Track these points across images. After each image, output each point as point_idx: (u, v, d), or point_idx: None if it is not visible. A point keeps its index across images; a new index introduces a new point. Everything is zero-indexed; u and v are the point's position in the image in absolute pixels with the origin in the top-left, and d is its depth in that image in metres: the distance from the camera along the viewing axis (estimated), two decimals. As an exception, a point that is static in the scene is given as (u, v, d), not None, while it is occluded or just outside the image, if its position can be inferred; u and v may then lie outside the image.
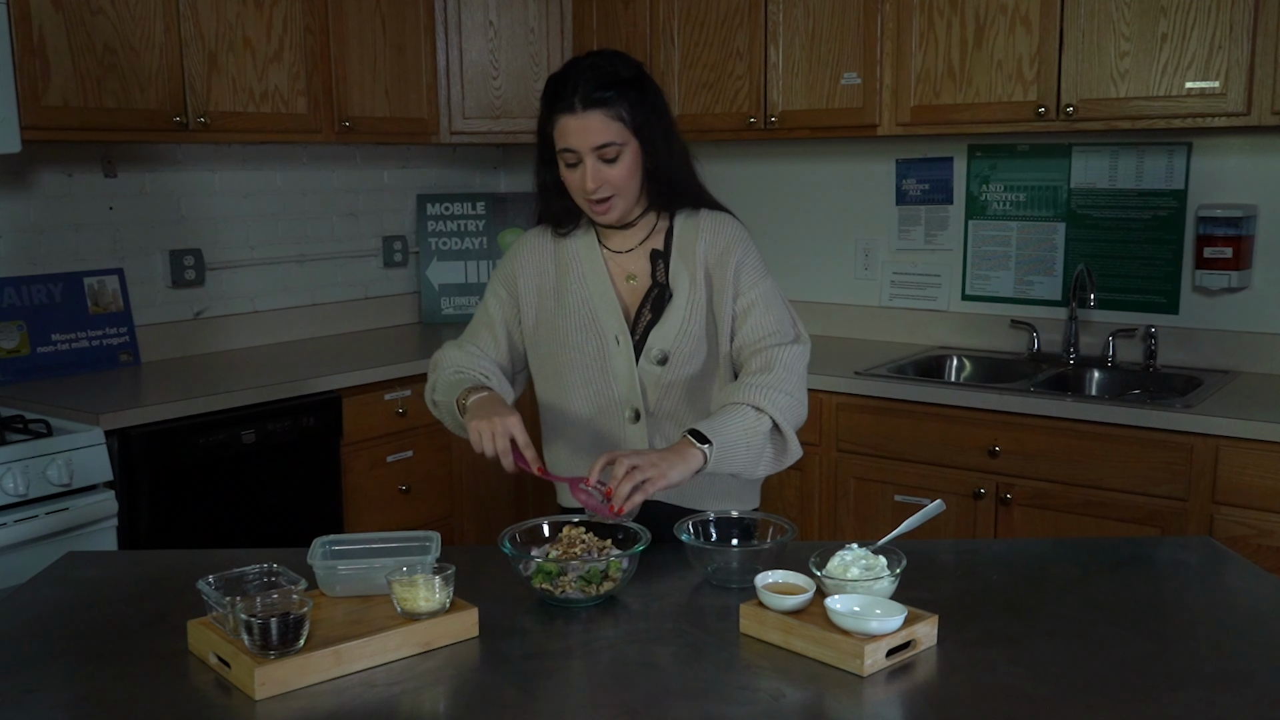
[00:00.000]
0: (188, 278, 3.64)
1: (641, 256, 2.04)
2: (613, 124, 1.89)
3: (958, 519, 3.08)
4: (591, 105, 1.88)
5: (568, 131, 1.89)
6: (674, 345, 1.98)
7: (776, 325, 1.99)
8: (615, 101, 1.89)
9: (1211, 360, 3.28)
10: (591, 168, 1.90)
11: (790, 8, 3.51)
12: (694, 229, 2.02)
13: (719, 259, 2.01)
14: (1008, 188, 3.59)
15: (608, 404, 2.02)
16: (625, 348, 2.00)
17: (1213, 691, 1.41)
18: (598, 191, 1.91)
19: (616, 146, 1.90)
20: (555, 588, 1.66)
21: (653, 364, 1.99)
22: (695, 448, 1.80)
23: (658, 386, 2.00)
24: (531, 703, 1.41)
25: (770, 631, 1.54)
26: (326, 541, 1.73)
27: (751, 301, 2.00)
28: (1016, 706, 1.38)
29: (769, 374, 1.92)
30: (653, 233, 2.04)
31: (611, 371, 2.00)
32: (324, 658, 1.45)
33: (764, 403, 1.87)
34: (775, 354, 1.95)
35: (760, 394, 1.88)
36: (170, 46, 3.15)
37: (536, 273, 2.07)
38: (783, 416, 1.89)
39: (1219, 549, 1.95)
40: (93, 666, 1.51)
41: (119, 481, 2.82)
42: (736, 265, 2.01)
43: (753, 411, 1.87)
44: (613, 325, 2.00)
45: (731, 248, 2.02)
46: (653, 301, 2.01)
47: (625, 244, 2.04)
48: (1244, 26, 2.84)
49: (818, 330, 3.96)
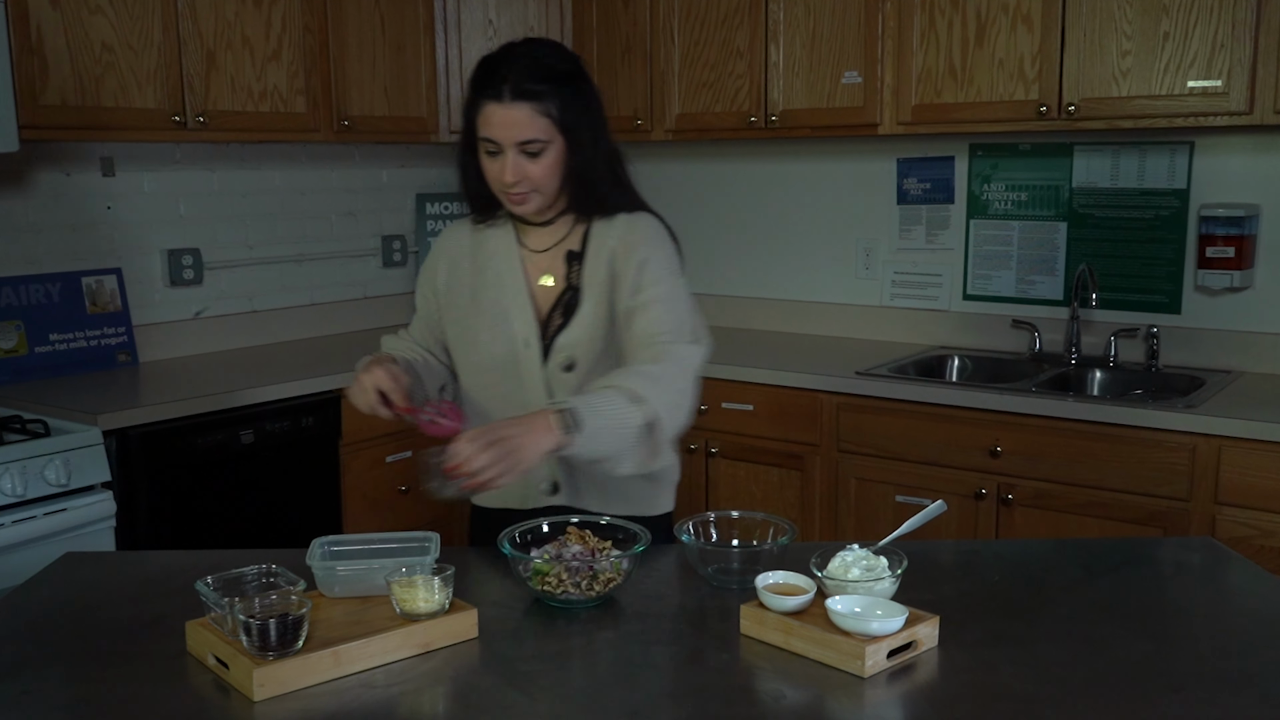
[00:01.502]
0: (186, 277, 3.64)
1: (557, 257, 1.97)
2: (540, 120, 1.82)
3: (959, 519, 3.07)
4: (521, 97, 1.80)
5: (492, 120, 1.83)
6: (581, 351, 1.92)
7: (674, 324, 1.88)
8: (546, 96, 1.81)
9: (1214, 360, 3.28)
10: (512, 161, 1.83)
11: (791, 6, 3.50)
12: (608, 232, 1.94)
13: (625, 255, 1.91)
14: (1009, 187, 3.58)
15: (518, 407, 1.93)
16: (534, 352, 1.94)
17: (1215, 692, 1.40)
18: (516, 186, 1.85)
19: (541, 143, 1.83)
20: (554, 588, 1.65)
21: (560, 370, 1.93)
22: (555, 430, 1.67)
23: (565, 392, 1.92)
24: (531, 704, 1.40)
25: (771, 632, 1.53)
26: (325, 542, 1.72)
27: (651, 298, 1.88)
28: (1018, 708, 1.37)
29: (657, 365, 1.81)
30: (570, 233, 1.97)
31: (521, 376, 1.95)
32: (323, 659, 1.44)
33: (646, 393, 1.74)
34: (667, 349, 1.84)
35: (644, 383, 1.76)
36: (168, 45, 3.14)
37: (451, 269, 2.03)
38: (665, 412, 1.76)
39: (1221, 550, 1.94)
40: (90, 668, 1.50)
41: (117, 482, 2.82)
42: (640, 262, 1.90)
43: (629, 400, 1.74)
44: (523, 329, 1.94)
45: (638, 245, 1.91)
46: (564, 305, 1.95)
47: (542, 243, 1.98)
48: (1246, 25, 2.83)
49: (818, 330, 3.96)
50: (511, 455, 1.63)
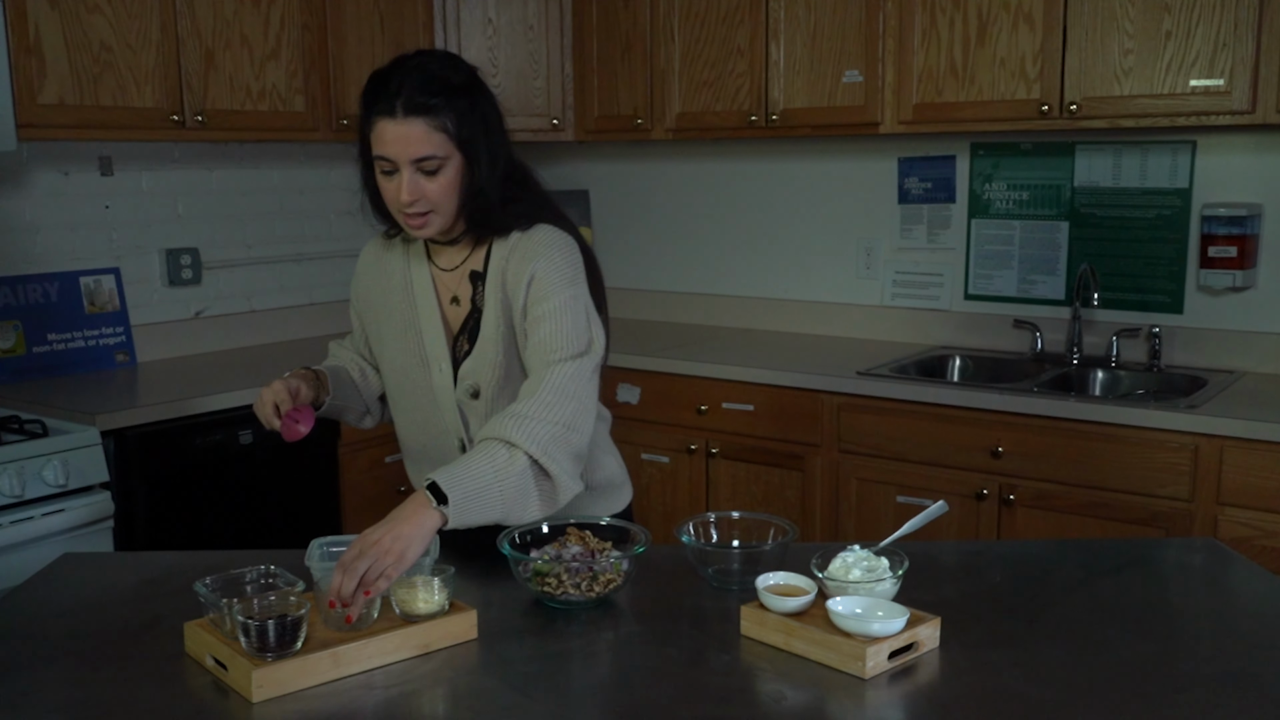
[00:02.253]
0: (185, 277, 3.63)
1: (463, 277, 1.90)
2: (435, 135, 1.72)
3: (960, 520, 3.07)
4: (414, 112, 1.71)
5: (385, 138, 1.73)
6: (484, 378, 1.86)
7: (565, 339, 1.78)
8: (441, 110, 1.72)
9: (1216, 360, 3.27)
10: (408, 180, 1.74)
11: (792, 5, 3.49)
12: (506, 251, 1.85)
13: (516, 275, 1.82)
14: (1011, 186, 3.57)
15: (437, 431, 1.93)
16: (446, 377, 1.89)
17: (1217, 693, 1.40)
18: (413, 206, 1.76)
19: (438, 160, 1.74)
20: (554, 589, 1.64)
21: (467, 397, 1.88)
22: (431, 509, 1.59)
23: (477, 418, 1.88)
24: (531, 705, 1.40)
25: (771, 633, 1.53)
26: (324, 543, 1.71)
27: (541, 315, 1.79)
28: (1019, 709, 1.37)
29: (531, 400, 1.72)
30: (474, 252, 1.89)
31: (435, 401, 1.91)
32: (322, 660, 1.44)
33: (518, 437, 1.67)
34: (545, 375, 1.75)
35: (515, 426, 1.68)
36: (167, 44, 3.14)
37: (370, 287, 1.99)
38: (543, 450, 1.68)
39: (1223, 550, 1.94)
40: (89, 669, 1.49)
41: (115, 482, 2.81)
42: (530, 278, 1.80)
43: (504, 449, 1.67)
44: (436, 352, 1.89)
45: (526, 263, 1.81)
46: (470, 330, 1.89)
47: (450, 261, 1.91)
48: (1248, 24, 2.82)
49: (818, 330, 3.95)
50: (385, 555, 1.53)
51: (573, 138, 4.03)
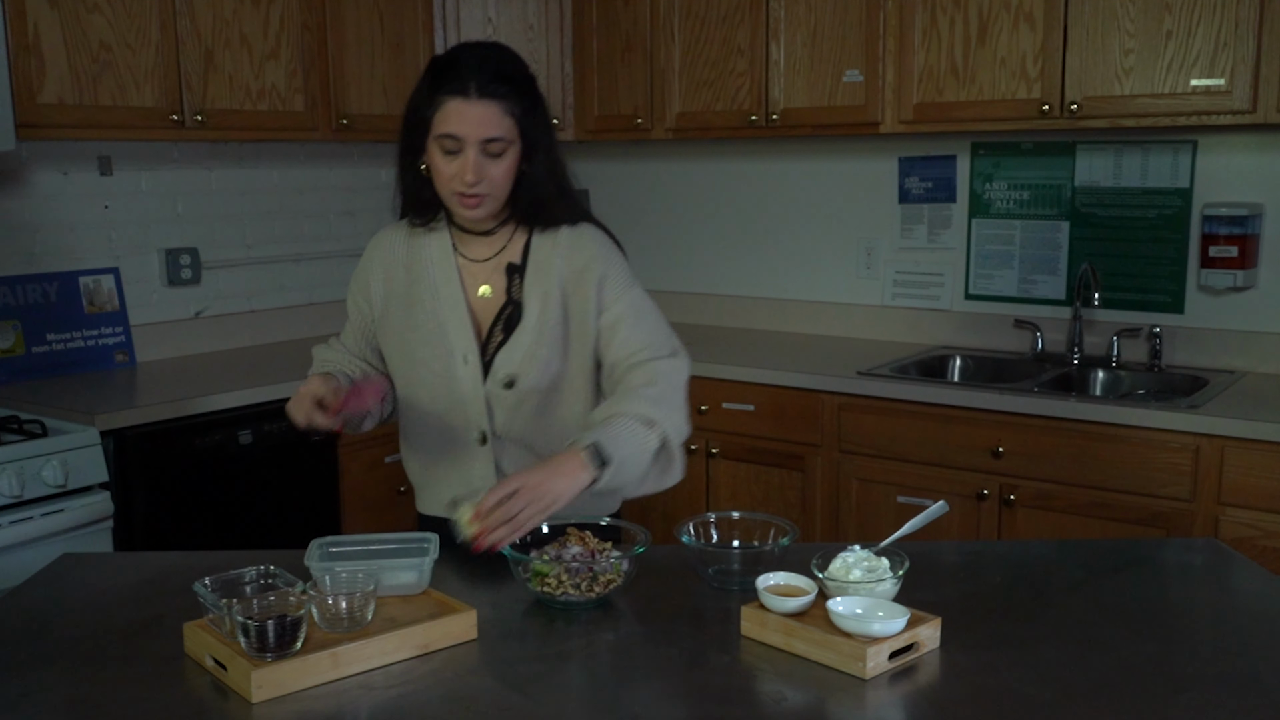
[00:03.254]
0: (184, 277, 3.63)
1: (497, 269, 1.92)
2: (505, 119, 1.78)
3: (961, 520, 3.06)
4: (487, 95, 1.77)
5: (456, 116, 1.77)
6: (521, 368, 1.88)
7: (650, 338, 1.88)
8: (510, 97, 1.79)
9: (1217, 360, 3.27)
10: (474, 159, 1.78)
11: (792, 4, 3.49)
12: (551, 245, 1.90)
13: (578, 276, 1.89)
14: (1011, 186, 3.57)
15: (456, 423, 1.93)
16: (473, 368, 1.89)
17: (1218, 694, 1.40)
18: (475, 186, 1.80)
19: (504, 143, 1.79)
20: (554, 589, 1.64)
21: (500, 387, 1.89)
22: (586, 469, 1.69)
23: (505, 409, 1.90)
24: (531, 706, 1.40)
25: (771, 634, 1.53)
26: (324, 543, 1.71)
27: (619, 315, 1.88)
28: (1020, 709, 1.36)
29: (654, 387, 1.80)
30: (510, 244, 1.92)
31: (458, 392, 1.90)
32: (321, 660, 1.44)
33: (657, 416, 1.77)
34: (656, 367, 1.84)
35: (652, 407, 1.77)
36: (166, 44, 3.13)
37: (386, 279, 1.96)
38: (675, 433, 1.79)
39: (1224, 550, 1.94)
40: (88, 669, 1.49)
41: (114, 482, 2.81)
42: (599, 280, 1.88)
43: (643, 426, 1.76)
44: (462, 343, 1.90)
45: (591, 263, 1.89)
46: (505, 320, 1.90)
47: (481, 253, 1.93)
48: (1249, 24, 2.82)
49: (819, 330, 3.95)
50: (538, 501, 1.65)
51: (573, 137, 4.03)
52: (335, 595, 1.51)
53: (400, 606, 1.60)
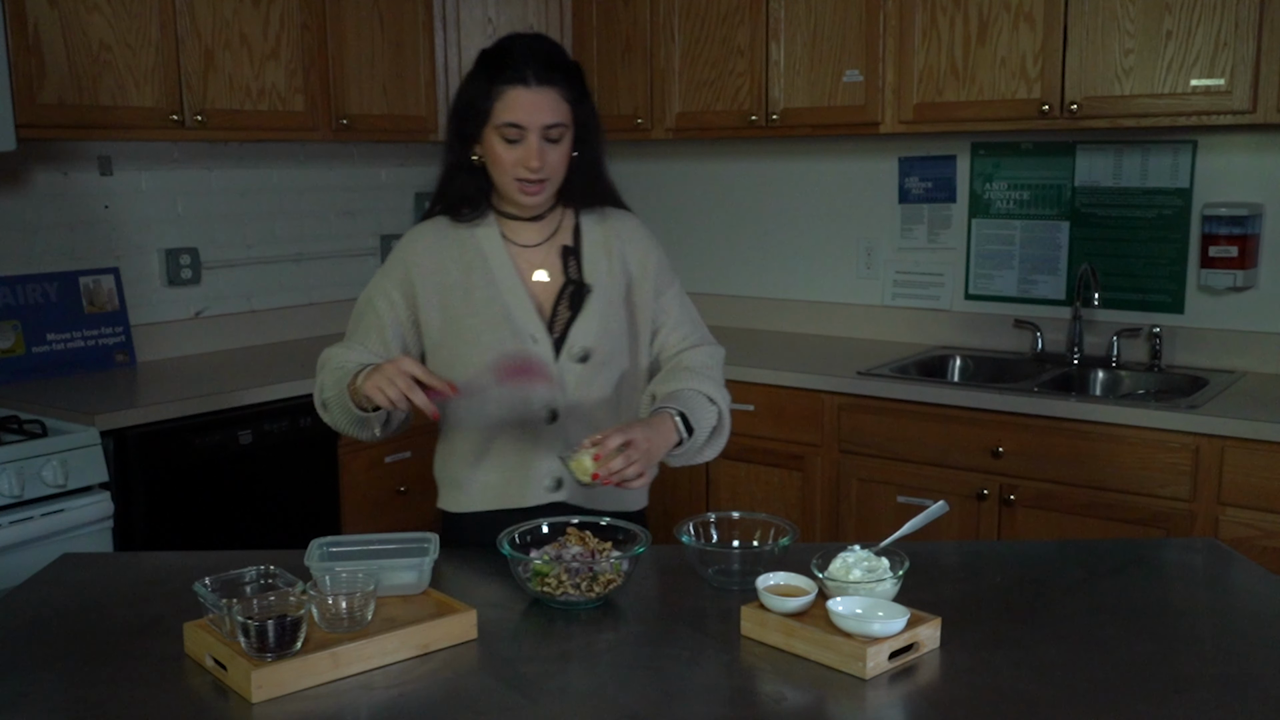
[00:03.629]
0: (184, 277, 3.63)
1: (550, 252, 1.97)
2: (563, 105, 1.86)
3: (961, 520, 3.06)
4: (545, 81, 1.83)
5: (517, 105, 1.83)
6: (596, 342, 1.94)
7: (694, 327, 2.06)
8: (565, 84, 1.86)
9: (1217, 360, 3.27)
10: (537, 146, 1.84)
11: (792, 4, 3.49)
12: (604, 226, 2.00)
13: (640, 261, 2.01)
14: (1011, 186, 3.57)
15: (523, 405, 1.94)
16: (544, 346, 1.93)
17: (1218, 694, 1.40)
18: (539, 171, 1.85)
19: (562, 128, 1.86)
20: (554, 590, 1.64)
21: (573, 361, 1.94)
22: (675, 434, 1.84)
23: (577, 384, 1.94)
24: (531, 705, 1.40)
25: (771, 634, 1.53)
26: (324, 543, 1.71)
27: (670, 301, 2.04)
28: (1020, 709, 1.36)
29: (709, 371, 1.98)
30: (560, 229, 1.99)
31: (526, 372, 1.93)
32: (321, 660, 1.44)
33: (717, 395, 1.93)
34: (710, 351, 2.03)
35: (712, 387, 1.94)
36: (166, 44, 3.13)
37: (435, 270, 1.95)
38: (726, 410, 1.96)
39: (1224, 550, 1.94)
40: (88, 670, 1.49)
41: (115, 483, 2.81)
42: (656, 265, 2.03)
43: (706, 401, 1.91)
44: (528, 323, 1.93)
45: (649, 249, 2.03)
46: (570, 298, 1.96)
47: (532, 238, 1.97)
48: (1249, 24, 2.82)
49: (819, 330, 3.95)
50: (645, 455, 1.75)
51: (573, 137, 4.02)
52: (335, 595, 1.51)
53: (400, 606, 1.60)
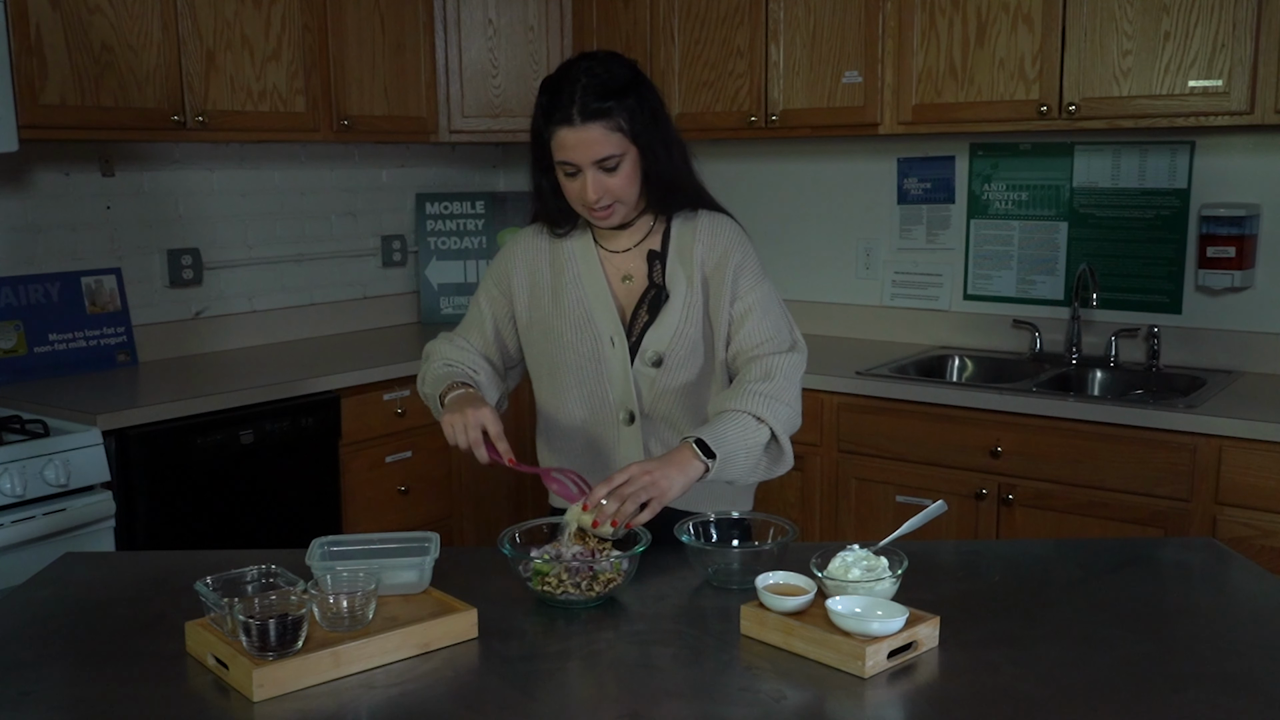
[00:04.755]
0: (185, 277, 3.63)
1: (638, 257, 2.01)
2: (613, 136, 1.85)
3: (959, 520, 3.07)
4: (590, 117, 1.83)
5: (566, 144, 1.85)
6: (669, 348, 1.96)
7: (774, 331, 1.97)
8: (614, 112, 1.85)
9: (1215, 360, 3.27)
10: (593, 179, 1.87)
11: (791, 6, 3.50)
12: (691, 231, 2.00)
13: (717, 262, 1.98)
14: (1010, 187, 3.58)
15: (602, 405, 2.00)
16: (621, 349, 1.98)
17: (1216, 693, 1.40)
18: (600, 201, 1.89)
19: (617, 157, 1.87)
20: (554, 589, 1.65)
21: (648, 366, 1.97)
22: (697, 459, 1.78)
23: (653, 389, 1.98)
24: (531, 704, 1.40)
25: (771, 633, 1.53)
26: (325, 542, 1.72)
27: (749, 306, 1.97)
28: (1018, 708, 1.37)
29: (769, 382, 1.89)
30: (650, 233, 2.02)
31: (606, 373, 1.99)
32: (322, 659, 1.44)
33: (765, 412, 1.85)
34: (775, 362, 1.92)
35: (762, 403, 1.86)
36: (168, 45, 3.14)
37: (530, 271, 2.05)
38: (782, 427, 1.87)
39: (1222, 550, 1.94)
40: (90, 668, 1.50)
41: (116, 482, 2.81)
42: (735, 269, 1.98)
43: (753, 421, 1.84)
44: (608, 326, 1.98)
45: (730, 251, 1.99)
46: (649, 303, 1.99)
47: (622, 244, 2.02)
48: (1247, 25, 2.83)
49: (818, 330, 3.95)
50: (651, 489, 1.72)
51: (573, 138, 4.03)
52: (336, 594, 1.52)
53: (401, 605, 1.61)
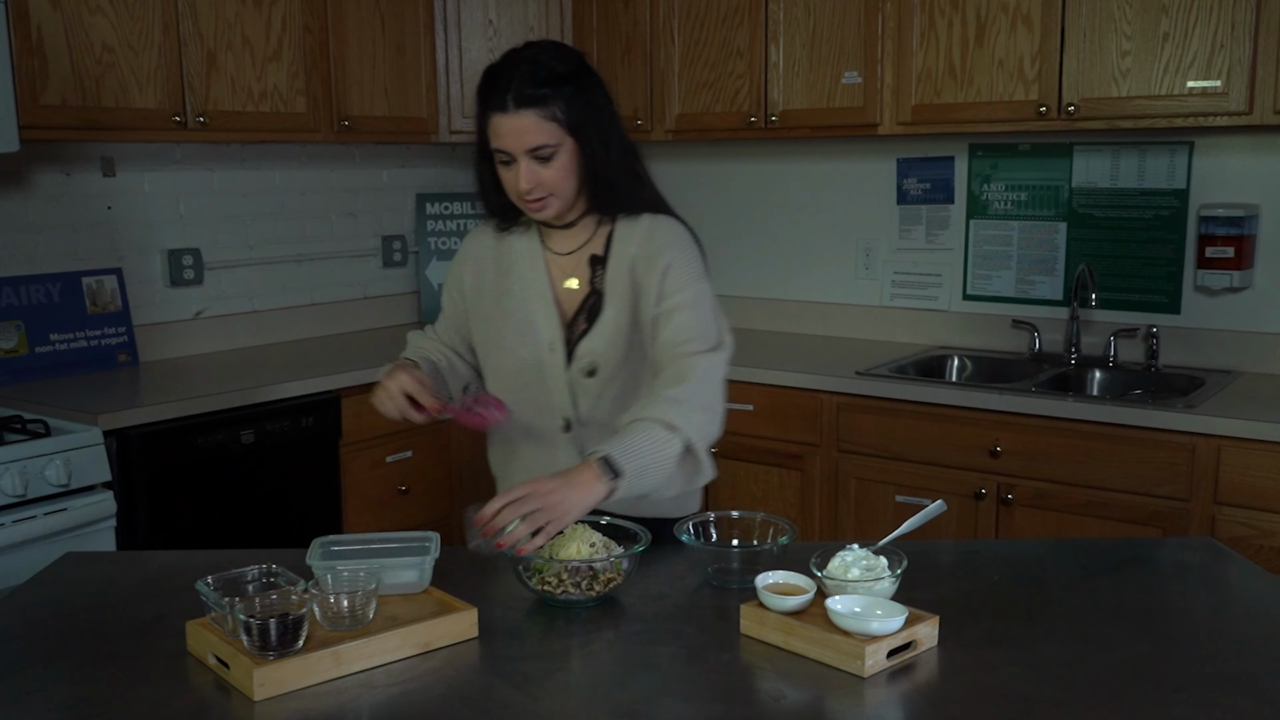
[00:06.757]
0: (186, 277, 3.64)
1: (581, 261, 1.97)
2: (547, 124, 1.81)
3: (959, 519, 3.07)
4: (525, 104, 1.79)
5: (500, 131, 1.82)
6: (603, 357, 1.92)
7: (698, 330, 1.87)
8: (550, 100, 1.80)
9: (1213, 360, 3.28)
10: (525, 168, 1.83)
11: (791, 6, 3.50)
12: (632, 234, 1.93)
13: (648, 263, 1.90)
14: (1009, 187, 3.58)
15: (541, 410, 1.98)
16: (558, 356, 1.95)
17: (1214, 693, 1.40)
18: (532, 192, 1.85)
19: (551, 147, 1.82)
20: (554, 588, 1.65)
21: (582, 375, 1.94)
22: (600, 481, 1.68)
23: (588, 397, 1.94)
24: (531, 704, 1.41)
25: (770, 632, 1.54)
26: (325, 542, 1.72)
27: (675, 305, 1.87)
28: (1017, 707, 1.37)
29: (683, 386, 1.80)
30: (594, 236, 1.96)
31: (544, 379, 1.96)
32: (323, 659, 1.44)
33: (677, 420, 1.76)
34: (691, 363, 1.83)
35: (674, 410, 1.76)
36: (169, 46, 3.14)
37: (477, 271, 2.04)
38: (697, 435, 1.78)
39: (1221, 550, 1.94)
40: (91, 668, 1.50)
41: (117, 482, 2.82)
42: (664, 269, 1.88)
43: (664, 430, 1.75)
44: (548, 332, 1.95)
45: (662, 252, 1.90)
46: (589, 310, 1.95)
47: (566, 246, 1.98)
48: (1245, 26, 2.83)
49: (818, 330, 3.96)
50: (550, 511, 1.63)
51: (573, 138, 4.03)
52: (337, 594, 1.52)
53: (401, 605, 1.61)
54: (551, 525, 1.63)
